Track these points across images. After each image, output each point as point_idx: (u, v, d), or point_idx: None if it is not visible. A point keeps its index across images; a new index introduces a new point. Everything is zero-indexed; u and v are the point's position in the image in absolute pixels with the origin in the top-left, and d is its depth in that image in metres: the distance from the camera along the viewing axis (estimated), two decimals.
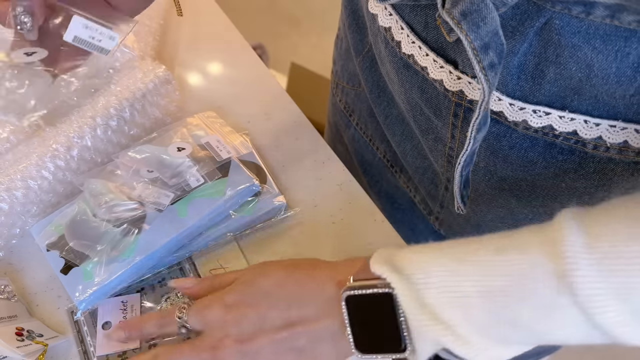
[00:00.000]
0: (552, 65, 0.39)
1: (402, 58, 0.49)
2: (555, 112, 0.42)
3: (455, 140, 0.50)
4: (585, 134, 0.42)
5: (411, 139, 0.60)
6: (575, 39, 0.37)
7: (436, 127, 0.51)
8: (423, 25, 0.45)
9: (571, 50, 0.38)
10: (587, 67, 0.38)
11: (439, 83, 0.46)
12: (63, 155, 0.56)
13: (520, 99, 0.42)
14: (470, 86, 0.44)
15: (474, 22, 0.36)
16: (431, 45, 0.45)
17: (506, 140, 0.46)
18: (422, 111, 0.51)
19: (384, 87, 0.60)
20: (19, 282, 0.55)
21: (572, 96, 0.40)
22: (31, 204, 0.55)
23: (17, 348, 0.47)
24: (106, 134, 0.58)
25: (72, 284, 0.52)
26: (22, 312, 0.52)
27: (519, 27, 0.39)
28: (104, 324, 0.52)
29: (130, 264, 0.52)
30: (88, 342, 0.52)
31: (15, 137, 0.59)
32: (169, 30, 0.75)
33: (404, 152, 0.63)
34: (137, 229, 0.53)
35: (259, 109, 0.68)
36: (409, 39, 0.46)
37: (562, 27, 0.37)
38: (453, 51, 0.44)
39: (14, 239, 0.56)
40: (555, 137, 0.43)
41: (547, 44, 0.38)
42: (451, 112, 0.48)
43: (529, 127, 0.44)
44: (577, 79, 0.39)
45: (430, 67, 0.46)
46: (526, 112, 0.43)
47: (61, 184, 0.57)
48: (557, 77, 0.40)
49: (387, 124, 0.63)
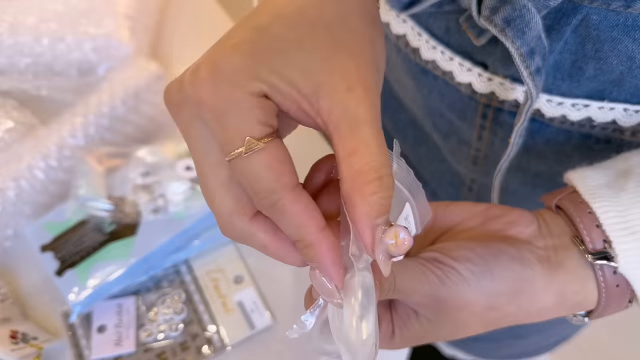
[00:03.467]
0: (592, 60, 0.38)
1: (419, 64, 0.48)
2: (594, 103, 0.41)
3: (483, 141, 0.49)
4: (624, 122, 0.41)
5: (426, 143, 0.59)
6: (615, 33, 0.36)
7: (459, 130, 0.50)
8: (444, 30, 0.44)
9: (611, 44, 0.37)
10: (629, 59, 0.37)
11: (465, 86, 0.45)
12: (56, 155, 0.55)
13: (558, 95, 0.41)
14: (502, 87, 0.43)
15: (519, 28, 0.35)
16: (455, 49, 0.44)
17: (540, 136, 0.45)
18: (443, 115, 0.50)
19: (390, 92, 0.59)
20: (13, 284, 0.54)
21: (611, 88, 0.40)
22: (24, 204, 0.54)
23: (12, 351, 0.46)
24: (99, 132, 0.57)
25: (66, 286, 0.51)
26: (16, 315, 0.51)
27: (555, 26, 0.38)
28: (99, 327, 0.51)
29: (126, 266, 0.51)
30: (83, 345, 0.51)
31: (10, 137, 0.58)
32: (165, 26, 0.74)
33: (417, 156, 0.62)
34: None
35: None
36: (429, 45, 0.45)
37: (600, 21, 0.36)
38: (480, 54, 0.43)
39: (7, 240, 0.55)
40: (592, 128, 0.42)
41: (584, 40, 0.38)
42: (478, 114, 0.47)
43: (565, 121, 0.43)
44: (618, 72, 0.38)
45: (455, 71, 0.45)
46: (564, 107, 0.42)
47: (54, 184, 0.56)
48: (596, 72, 0.39)
49: (397, 129, 0.62)
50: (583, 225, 0.32)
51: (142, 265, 0.52)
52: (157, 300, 0.53)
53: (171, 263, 0.54)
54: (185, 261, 0.55)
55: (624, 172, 0.33)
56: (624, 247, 0.30)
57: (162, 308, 0.53)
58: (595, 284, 0.32)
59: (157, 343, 0.51)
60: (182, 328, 0.52)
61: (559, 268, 0.32)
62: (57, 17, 0.64)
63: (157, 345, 0.51)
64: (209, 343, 0.51)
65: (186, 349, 0.51)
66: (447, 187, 0.61)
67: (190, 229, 0.54)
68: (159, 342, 0.51)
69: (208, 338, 0.51)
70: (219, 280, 0.54)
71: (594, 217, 0.32)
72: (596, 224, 0.32)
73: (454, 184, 0.60)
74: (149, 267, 0.53)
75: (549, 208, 0.35)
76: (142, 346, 0.51)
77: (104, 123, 0.58)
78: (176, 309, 0.53)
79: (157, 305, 0.53)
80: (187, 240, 0.54)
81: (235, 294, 0.53)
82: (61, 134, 0.55)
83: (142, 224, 0.53)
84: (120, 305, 0.52)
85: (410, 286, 0.31)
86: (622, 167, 0.33)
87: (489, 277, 0.31)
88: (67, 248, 0.53)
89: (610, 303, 0.32)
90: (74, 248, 0.52)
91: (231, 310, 0.53)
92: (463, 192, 0.59)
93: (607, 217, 0.31)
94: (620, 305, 0.32)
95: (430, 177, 0.63)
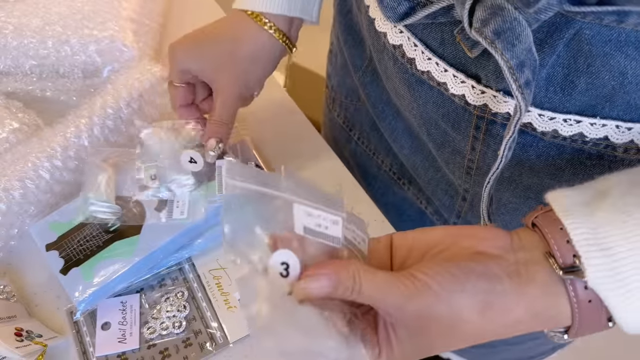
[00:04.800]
0: (583, 75, 0.39)
1: (415, 74, 0.48)
2: (586, 119, 0.41)
3: (476, 152, 0.49)
4: (616, 138, 0.41)
5: (421, 152, 0.60)
6: (607, 48, 0.37)
7: (453, 140, 0.51)
8: (439, 41, 0.44)
9: (603, 59, 0.37)
10: (621, 74, 0.37)
11: (459, 98, 0.46)
12: (60, 155, 0.56)
13: (549, 110, 0.42)
14: (495, 99, 0.44)
15: (509, 40, 0.35)
16: (449, 61, 0.44)
17: (533, 149, 0.45)
18: (438, 125, 0.51)
19: (388, 101, 0.60)
20: (18, 282, 0.55)
21: (603, 104, 0.40)
22: (29, 204, 0.55)
23: (17, 348, 0.47)
24: (103, 133, 0.58)
25: (71, 285, 0.52)
26: (21, 313, 0.52)
27: (548, 40, 0.38)
28: (103, 324, 0.52)
29: (130, 265, 0.52)
30: (87, 343, 0.51)
31: (15, 137, 0.59)
32: (169, 29, 0.75)
33: (414, 165, 0.62)
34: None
35: (258, 108, 0.68)
36: (424, 56, 0.46)
37: (593, 36, 0.36)
38: (474, 66, 0.43)
39: (12, 239, 0.56)
40: (585, 144, 0.43)
41: (576, 55, 0.38)
42: (472, 125, 0.47)
43: (557, 136, 0.43)
44: (610, 87, 0.38)
45: (449, 82, 0.45)
46: (556, 122, 0.42)
47: (59, 184, 0.56)
48: (588, 86, 0.39)
49: (394, 137, 0.62)
50: (554, 241, 0.32)
51: (146, 264, 0.53)
52: (161, 297, 0.54)
53: (174, 261, 0.55)
54: (188, 259, 0.56)
55: (602, 193, 0.33)
56: (593, 262, 0.30)
57: (166, 305, 0.53)
58: (567, 299, 0.32)
59: (161, 340, 0.51)
60: (185, 325, 0.52)
61: (529, 283, 0.32)
62: (61, 19, 0.65)
63: (161, 342, 0.51)
64: (212, 340, 0.52)
65: (189, 346, 0.51)
66: (441, 196, 0.62)
67: (193, 229, 0.54)
68: (163, 339, 0.52)
69: (211, 335, 0.52)
70: (222, 277, 0.55)
71: (565, 233, 0.32)
72: (567, 240, 0.32)
73: (448, 192, 0.60)
74: (153, 266, 0.54)
75: (527, 226, 0.35)
76: (145, 343, 0.51)
77: (109, 124, 0.58)
78: (179, 306, 0.53)
79: (161, 302, 0.53)
80: (190, 238, 0.55)
81: (237, 292, 0.54)
82: (66, 135, 0.56)
83: (146, 223, 0.54)
84: (124, 303, 0.53)
85: (378, 294, 0.31)
86: (601, 188, 0.33)
87: (459, 291, 0.31)
88: (72, 247, 0.53)
89: (585, 320, 0.32)
90: (79, 247, 0.53)
91: (233, 308, 0.53)
92: (457, 201, 0.60)
93: (577, 232, 0.31)
94: (598, 323, 0.32)
95: (426, 185, 0.63)
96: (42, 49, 0.64)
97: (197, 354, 0.51)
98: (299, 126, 0.67)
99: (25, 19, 0.65)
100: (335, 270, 0.31)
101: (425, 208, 0.68)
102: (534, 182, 0.49)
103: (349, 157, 0.75)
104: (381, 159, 0.70)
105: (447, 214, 0.64)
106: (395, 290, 0.31)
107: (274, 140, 0.65)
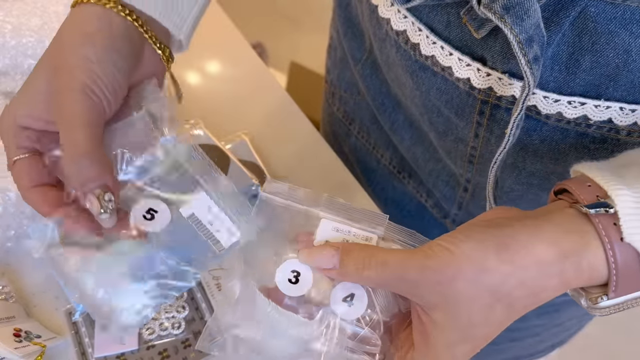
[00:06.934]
0: (588, 53, 0.39)
1: (418, 61, 0.48)
2: (590, 101, 0.41)
3: (479, 139, 0.49)
4: (620, 121, 0.42)
5: (422, 143, 0.60)
6: (612, 26, 0.37)
7: (456, 128, 0.51)
8: (445, 24, 0.44)
9: (608, 37, 0.38)
10: (625, 52, 0.38)
11: (463, 82, 0.46)
12: None
13: (554, 91, 0.42)
14: (500, 82, 0.44)
15: (518, 15, 0.36)
16: (454, 44, 0.45)
17: (537, 134, 0.46)
18: (440, 112, 0.51)
19: (388, 92, 0.60)
20: (17, 282, 0.55)
21: (607, 83, 0.40)
22: (26, 205, 0.54)
23: (15, 349, 0.47)
24: None
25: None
26: (20, 313, 0.52)
27: (553, 18, 0.38)
28: (102, 325, 0.52)
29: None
30: (86, 344, 0.51)
31: None
32: None
33: (414, 156, 0.62)
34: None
35: (258, 108, 0.68)
36: (429, 40, 0.46)
37: (598, 14, 0.37)
38: (480, 48, 0.43)
39: (9, 241, 0.55)
40: (588, 127, 0.43)
41: (581, 33, 0.38)
42: (476, 111, 0.47)
43: (561, 119, 0.43)
44: (614, 66, 0.39)
45: (454, 66, 0.45)
46: (561, 104, 0.42)
47: None
48: (593, 65, 0.39)
49: (394, 129, 0.62)
50: (575, 187, 0.32)
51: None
52: None
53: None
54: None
55: (623, 166, 0.33)
56: (621, 192, 0.30)
57: (165, 306, 0.53)
58: (597, 238, 0.31)
59: (160, 341, 0.51)
60: (184, 326, 0.52)
61: (545, 221, 0.32)
62: (59, 18, 0.65)
63: (160, 342, 0.51)
64: None
65: (188, 347, 0.51)
66: (442, 187, 0.62)
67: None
68: (162, 339, 0.51)
69: None
70: (221, 278, 0.55)
71: (586, 178, 0.33)
72: (588, 184, 0.32)
73: (449, 184, 0.60)
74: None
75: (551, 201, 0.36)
76: (144, 344, 0.51)
77: None
78: (178, 307, 0.53)
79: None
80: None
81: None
82: None
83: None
84: None
85: (398, 260, 0.33)
86: (622, 162, 0.34)
87: (470, 243, 0.32)
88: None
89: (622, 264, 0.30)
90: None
91: None
92: (458, 192, 0.60)
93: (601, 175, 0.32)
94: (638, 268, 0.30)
95: (426, 178, 0.63)
96: (40, 48, 0.64)
97: (196, 355, 0.51)
98: (299, 126, 0.67)
99: (23, 18, 0.64)
100: (346, 247, 0.34)
101: (425, 202, 0.68)
102: (537, 168, 0.49)
103: (348, 152, 0.75)
104: (381, 153, 0.70)
105: (448, 206, 0.64)
106: (412, 254, 0.33)
107: (274, 140, 0.65)
